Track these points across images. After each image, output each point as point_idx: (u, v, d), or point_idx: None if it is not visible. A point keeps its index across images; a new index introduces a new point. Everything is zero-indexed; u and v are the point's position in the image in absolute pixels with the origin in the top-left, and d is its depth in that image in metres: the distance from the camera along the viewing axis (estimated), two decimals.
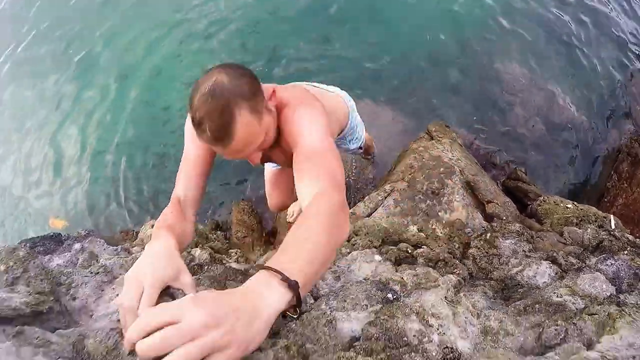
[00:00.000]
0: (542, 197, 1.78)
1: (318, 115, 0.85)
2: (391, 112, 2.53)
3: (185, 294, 0.58)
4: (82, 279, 0.67)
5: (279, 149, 0.96)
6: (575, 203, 1.75)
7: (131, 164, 2.61)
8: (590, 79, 2.73)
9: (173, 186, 0.91)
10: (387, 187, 1.46)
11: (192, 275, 0.62)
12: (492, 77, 2.67)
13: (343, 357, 0.49)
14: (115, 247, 1.26)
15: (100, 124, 2.75)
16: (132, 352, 0.47)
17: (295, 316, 0.52)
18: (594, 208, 1.70)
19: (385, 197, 1.42)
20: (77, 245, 1.19)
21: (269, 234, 2.32)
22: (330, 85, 1.44)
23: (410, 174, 1.52)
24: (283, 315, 0.52)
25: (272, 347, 0.51)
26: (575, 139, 2.56)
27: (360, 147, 1.65)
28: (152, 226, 1.56)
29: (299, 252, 0.53)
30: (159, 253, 0.62)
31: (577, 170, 2.51)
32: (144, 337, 0.43)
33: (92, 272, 0.73)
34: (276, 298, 0.48)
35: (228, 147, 0.77)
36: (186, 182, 0.92)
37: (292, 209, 2.02)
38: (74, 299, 0.64)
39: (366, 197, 1.46)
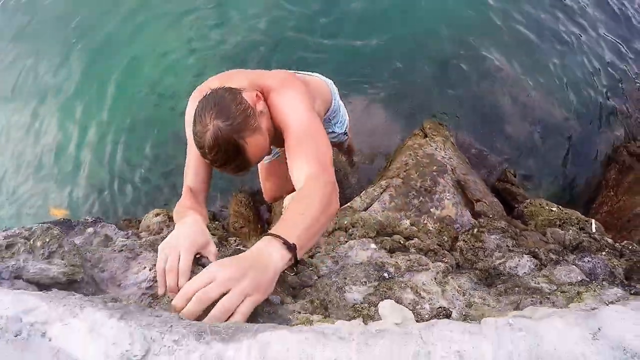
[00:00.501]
0: (528, 200, 1.89)
1: (302, 94, 0.95)
2: (384, 111, 2.61)
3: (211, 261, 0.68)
4: (109, 255, 0.74)
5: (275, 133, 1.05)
6: (560, 206, 1.85)
7: (131, 153, 2.66)
8: (583, 84, 2.81)
9: (172, 175, 1.00)
10: (383, 182, 1.55)
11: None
12: (487, 79, 2.75)
13: (355, 309, 0.58)
14: (125, 232, 1.32)
15: (99, 112, 2.78)
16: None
17: (292, 273, 0.64)
18: (578, 212, 1.81)
19: (382, 193, 1.51)
20: (90, 229, 1.25)
21: (265, 224, 2.39)
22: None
23: (405, 171, 1.61)
24: (285, 271, 0.65)
25: (299, 300, 0.60)
26: (567, 144, 2.65)
27: (345, 133, 1.73)
28: (156, 215, 1.62)
29: (296, 223, 0.65)
30: (192, 225, 0.72)
31: (567, 176, 2.60)
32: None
33: (115, 250, 0.80)
34: (279, 257, 0.60)
35: (249, 169, 0.90)
36: (194, 173, 1.01)
37: (287, 201, 2.10)
38: (103, 271, 0.72)
39: (363, 192, 1.54)
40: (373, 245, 1.15)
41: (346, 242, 1.25)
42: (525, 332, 0.42)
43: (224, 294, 0.52)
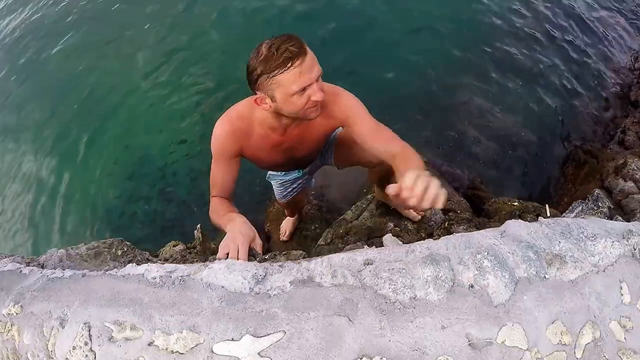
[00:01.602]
0: (493, 199, 2.20)
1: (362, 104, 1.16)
2: None
3: (257, 252, 0.95)
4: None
5: (318, 123, 1.16)
6: (520, 200, 2.16)
7: (137, 192, 2.87)
8: (541, 103, 3.19)
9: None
10: (369, 196, 1.86)
11: None
12: (453, 105, 3.13)
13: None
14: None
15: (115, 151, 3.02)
16: None
17: None
18: (535, 203, 2.12)
19: (368, 204, 1.81)
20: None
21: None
22: None
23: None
24: None
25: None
26: (528, 154, 2.96)
27: None
28: (174, 245, 1.85)
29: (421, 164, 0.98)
30: (242, 223, 0.97)
31: (531, 180, 2.90)
32: None
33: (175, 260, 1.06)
34: None
35: (305, 60, 0.94)
36: (221, 187, 1.18)
37: (284, 228, 2.24)
38: None
39: (353, 206, 1.84)
40: (365, 246, 1.44)
41: (343, 247, 1.54)
42: (462, 237, 0.72)
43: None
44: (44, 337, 0.73)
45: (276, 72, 0.95)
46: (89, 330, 0.69)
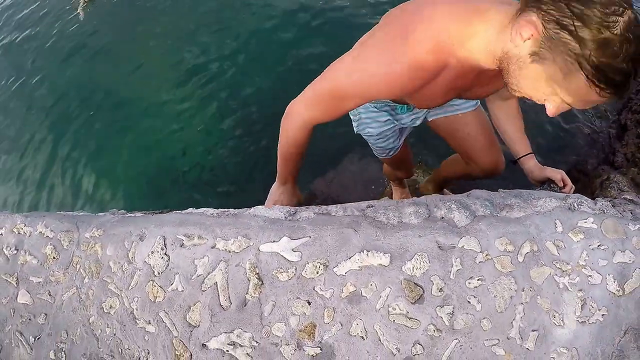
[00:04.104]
0: None
1: None
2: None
3: None
4: None
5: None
6: None
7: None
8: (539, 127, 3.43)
9: None
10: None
11: None
12: None
13: None
14: None
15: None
16: None
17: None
18: None
19: None
20: None
21: None
22: None
23: None
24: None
25: None
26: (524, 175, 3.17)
27: None
28: None
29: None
30: (288, 196, 1.16)
31: None
32: None
33: None
34: None
35: (625, 91, 0.64)
36: (327, 117, 0.96)
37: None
38: None
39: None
40: None
41: None
42: (437, 195, 0.99)
43: None
44: (125, 249, 0.98)
45: (597, 57, 0.60)
46: (164, 241, 0.95)
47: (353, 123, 1.41)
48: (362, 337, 0.81)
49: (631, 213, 1.00)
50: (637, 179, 2.39)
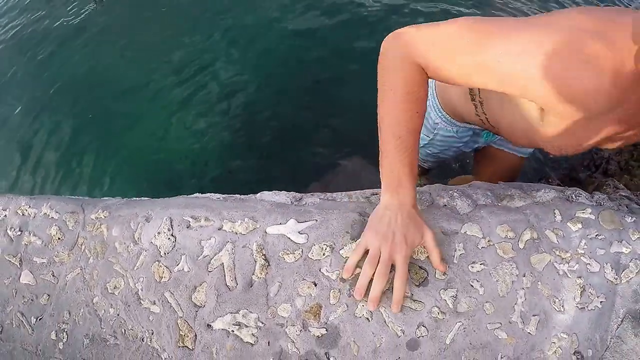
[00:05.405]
0: None
1: None
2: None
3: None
4: None
5: None
6: None
7: None
8: None
9: None
10: None
11: None
12: None
13: None
14: None
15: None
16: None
17: None
18: None
19: None
20: None
21: None
22: None
23: None
24: None
25: None
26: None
27: None
28: None
29: None
30: (410, 216, 0.78)
31: None
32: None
33: None
34: None
35: None
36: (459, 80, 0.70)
37: None
38: None
39: None
40: None
41: None
42: (440, 185, 1.01)
43: None
44: (131, 229, 0.98)
45: None
46: (171, 222, 0.96)
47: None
48: (368, 319, 0.82)
49: (627, 207, 1.03)
50: (629, 185, 2.44)
